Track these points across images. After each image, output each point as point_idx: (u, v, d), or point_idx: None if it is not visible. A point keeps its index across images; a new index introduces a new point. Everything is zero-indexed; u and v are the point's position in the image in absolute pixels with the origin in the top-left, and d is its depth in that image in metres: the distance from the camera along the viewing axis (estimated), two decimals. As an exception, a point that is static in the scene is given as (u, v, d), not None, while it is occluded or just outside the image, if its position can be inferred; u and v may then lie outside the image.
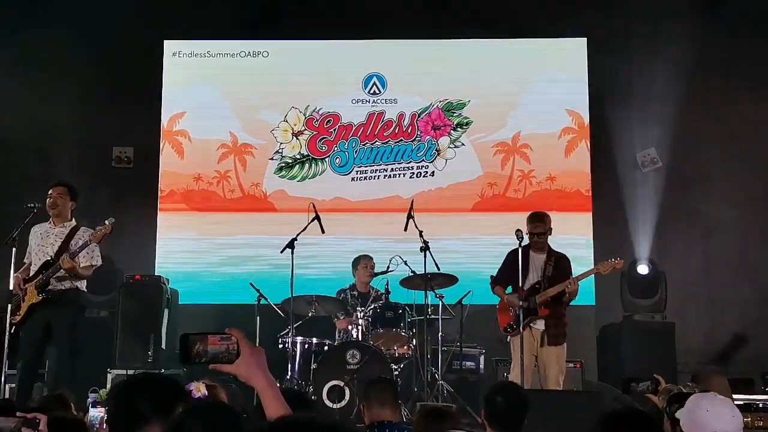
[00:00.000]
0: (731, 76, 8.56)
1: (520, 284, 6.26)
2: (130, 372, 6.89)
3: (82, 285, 6.20)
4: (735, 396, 6.80)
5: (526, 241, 6.35)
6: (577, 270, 6.56)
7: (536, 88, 8.79)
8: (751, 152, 8.61)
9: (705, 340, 8.40)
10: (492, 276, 6.63)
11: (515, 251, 6.31)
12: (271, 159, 8.75)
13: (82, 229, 6.17)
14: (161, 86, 8.81)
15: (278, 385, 6.22)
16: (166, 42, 8.88)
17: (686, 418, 2.53)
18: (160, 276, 7.88)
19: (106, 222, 6.01)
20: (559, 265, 6.45)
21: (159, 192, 8.69)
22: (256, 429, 1.77)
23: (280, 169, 8.74)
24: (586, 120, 8.68)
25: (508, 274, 6.43)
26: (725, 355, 8.31)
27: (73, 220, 6.29)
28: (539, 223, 6.45)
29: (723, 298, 8.51)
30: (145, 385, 2.27)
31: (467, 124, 8.74)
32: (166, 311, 7.54)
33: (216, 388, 2.98)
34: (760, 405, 6.41)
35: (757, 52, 8.60)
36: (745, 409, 6.56)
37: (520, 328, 6.19)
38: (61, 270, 5.95)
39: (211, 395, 2.86)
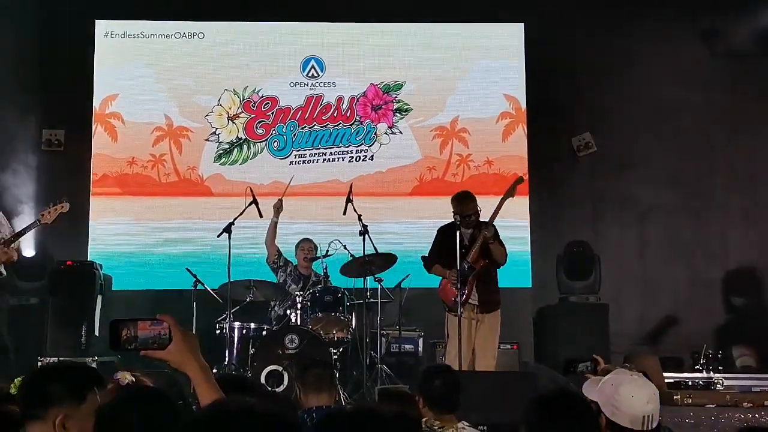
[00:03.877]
0: (663, 61, 8.73)
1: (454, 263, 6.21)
2: (62, 359, 6.74)
3: (2, 268, 5.96)
4: (666, 374, 6.98)
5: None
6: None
7: (474, 72, 8.82)
8: (683, 137, 8.81)
9: (638, 321, 8.59)
10: (423, 256, 6.57)
11: (443, 228, 6.35)
12: (207, 140, 8.60)
13: None
14: (93, 67, 8.57)
15: (215, 370, 6.09)
16: (97, 22, 8.63)
17: (606, 404, 2.56)
18: (92, 262, 7.69)
19: (59, 200, 5.78)
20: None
21: (91, 176, 8.47)
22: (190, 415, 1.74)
23: (219, 156, 8.61)
24: (523, 105, 8.76)
25: (442, 252, 6.41)
26: (657, 336, 8.52)
27: None
28: (471, 203, 6.33)
29: (656, 279, 8.72)
30: (57, 370, 2.31)
31: (407, 110, 8.74)
32: (99, 297, 7.37)
33: (139, 378, 2.90)
34: (690, 383, 6.60)
35: (686, 37, 8.78)
36: (675, 386, 6.74)
37: (458, 310, 6.16)
38: None
39: (137, 384, 2.79)
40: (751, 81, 8.76)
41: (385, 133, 8.70)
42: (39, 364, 6.75)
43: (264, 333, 6.60)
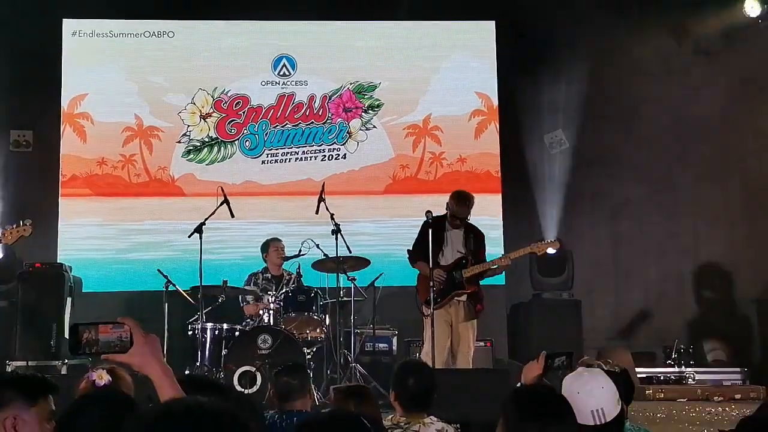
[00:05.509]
0: (635, 59, 8.79)
1: (432, 257, 6.09)
2: (31, 363, 6.67)
3: None
4: (638, 369, 7.06)
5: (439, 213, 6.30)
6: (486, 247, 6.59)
7: (446, 70, 8.83)
8: (654, 133, 8.87)
9: (611, 317, 8.64)
10: (409, 250, 6.47)
11: (432, 222, 6.16)
12: (179, 142, 8.54)
13: None
14: (61, 67, 8.46)
15: (187, 372, 5.98)
16: (64, 21, 8.52)
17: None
18: (61, 264, 7.59)
19: (23, 222, 5.68)
20: (479, 240, 6.38)
21: (60, 177, 8.37)
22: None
23: (188, 152, 8.54)
24: (495, 102, 8.78)
25: (426, 247, 6.32)
26: (630, 331, 8.58)
27: None
28: (465, 207, 6.29)
29: (628, 275, 8.77)
30: (10, 378, 2.40)
31: (378, 106, 8.73)
32: (69, 300, 7.28)
33: (116, 371, 2.84)
34: (661, 377, 6.67)
35: (659, 37, 8.85)
36: (647, 381, 6.81)
37: (432, 309, 6.10)
38: None
39: (115, 379, 2.74)
40: (721, 77, 8.84)
41: (360, 130, 8.68)
42: (7, 368, 6.67)
43: (237, 334, 6.55)
